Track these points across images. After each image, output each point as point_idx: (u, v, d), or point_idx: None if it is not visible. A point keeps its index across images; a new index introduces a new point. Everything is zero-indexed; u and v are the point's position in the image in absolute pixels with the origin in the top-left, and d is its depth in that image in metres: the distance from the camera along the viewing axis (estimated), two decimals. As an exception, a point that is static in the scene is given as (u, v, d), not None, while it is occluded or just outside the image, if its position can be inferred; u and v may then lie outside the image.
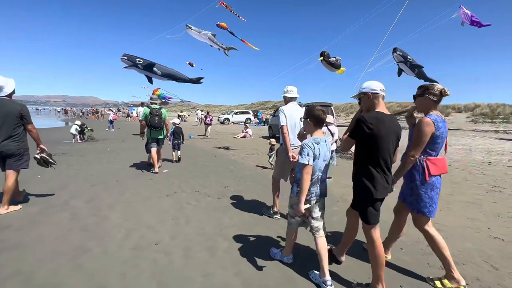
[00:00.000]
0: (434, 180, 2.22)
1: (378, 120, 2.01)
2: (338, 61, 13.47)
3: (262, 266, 2.49)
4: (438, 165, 2.20)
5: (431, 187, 2.22)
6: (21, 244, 2.73)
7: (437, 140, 2.17)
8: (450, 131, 17.41)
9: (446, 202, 4.33)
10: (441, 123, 2.17)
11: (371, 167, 2.06)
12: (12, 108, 3.48)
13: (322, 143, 2.24)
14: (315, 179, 2.26)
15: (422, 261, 2.61)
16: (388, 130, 2.02)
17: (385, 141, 2.01)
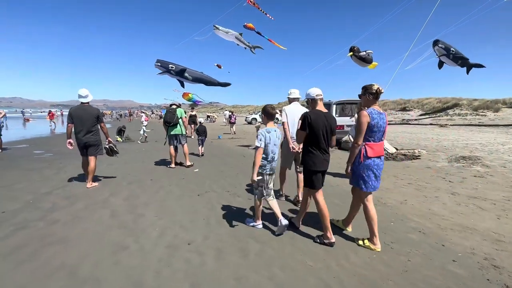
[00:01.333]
0: (370, 162, 2.70)
1: (316, 115, 2.84)
2: (369, 55, 12.75)
3: (296, 270, 2.38)
4: (375, 149, 2.70)
5: (366, 167, 2.71)
6: (67, 239, 2.92)
7: (374, 129, 2.66)
8: (499, 128, 15.61)
9: (503, 208, 3.82)
10: (376, 115, 2.66)
11: (312, 148, 2.87)
12: (92, 111, 4.87)
13: (272, 132, 3.01)
14: (270, 158, 3.02)
15: (479, 277, 2.29)
16: (323, 123, 2.82)
17: (320, 130, 2.81)
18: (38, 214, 3.58)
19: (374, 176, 2.73)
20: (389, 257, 2.60)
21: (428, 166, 6.62)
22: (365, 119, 2.62)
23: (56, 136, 15.45)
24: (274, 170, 3.13)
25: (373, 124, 2.64)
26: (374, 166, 2.71)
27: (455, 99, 28.79)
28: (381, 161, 2.76)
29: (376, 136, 2.69)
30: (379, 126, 2.66)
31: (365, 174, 2.73)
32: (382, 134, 2.73)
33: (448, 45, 14.63)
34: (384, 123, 2.71)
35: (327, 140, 2.90)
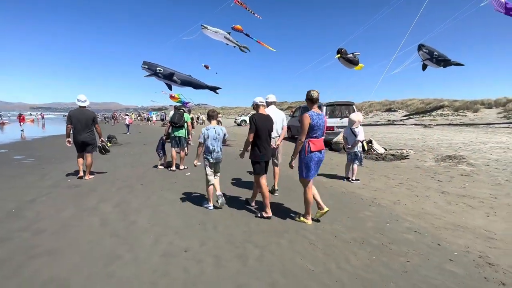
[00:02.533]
0: (312, 155, 3.25)
1: (259, 117, 3.59)
2: (356, 57, 13.01)
3: (297, 276, 2.34)
4: (316, 145, 3.25)
5: (310, 159, 3.25)
6: (55, 250, 2.76)
7: (314, 128, 3.20)
8: (480, 127, 16.31)
9: (491, 206, 3.95)
10: (316, 116, 3.21)
11: (258, 142, 3.59)
12: (89, 114, 5.63)
13: (211, 129, 3.85)
14: (211, 149, 3.84)
15: (477, 275, 2.34)
16: (264, 123, 3.58)
17: (263, 129, 3.56)
18: (22, 224, 3.38)
19: (314, 166, 3.31)
20: (388, 258, 2.62)
21: (417, 165, 6.79)
22: (307, 120, 3.17)
23: (37, 140, 14.78)
24: (219, 160, 3.93)
25: (313, 124, 3.18)
26: (316, 158, 3.29)
27: (437, 100, 29.87)
28: (321, 154, 3.33)
29: (317, 133, 3.25)
30: (319, 125, 3.23)
31: (309, 165, 3.27)
32: (321, 132, 3.30)
33: (432, 49, 15.20)
34: (323, 123, 3.29)
35: (269, 137, 3.68)
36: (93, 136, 5.70)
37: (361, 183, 5.39)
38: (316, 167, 3.33)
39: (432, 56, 14.73)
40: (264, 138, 3.59)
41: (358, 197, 4.50)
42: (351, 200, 4.38)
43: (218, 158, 3.91)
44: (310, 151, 3.23)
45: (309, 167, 3.29)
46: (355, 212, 3.85)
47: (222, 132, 3.95)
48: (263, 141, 3.59)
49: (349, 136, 5.61)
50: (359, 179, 5.54)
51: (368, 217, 3.65)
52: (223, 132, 3.99)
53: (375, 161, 7.55)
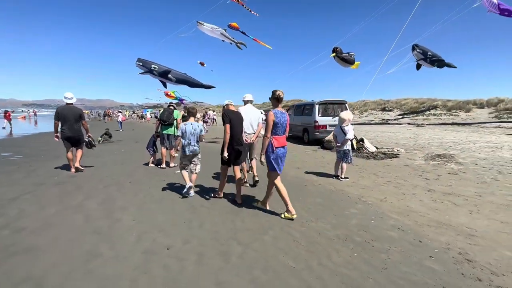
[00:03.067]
0: (277, 151, 3.47)
1: (231, 113, 4.08)
2: (351, 56, 13.04)
3: (278, 272, 2.34)
4: (279, 141, 3.47)
5: (275, 155, 3.46)
6: (34, 247, 2.72)
7: (278, 125, 3.43)
8: (472, 127, 16.54)
9: (474, 204, 4.01)
10: (279, 114, 3.42)
11: (233, 137, 3.99)
12: (76, 111, 5.92)
13: (189, 125, 4.27)
14: (187, 143, 4.25)
15: (454, 271, 2.37)
16: (235, 119, 4.05)
17: (235, 124, 4.03)
18: (2, 222, 3.31)
19: (281, 162, 3.54)
20: (370, 255, 2.63)
21: (406, 164, 6.85)
22: (271, 118, 3.38)
23: (27, 137, 14.54)
24: (195, 152, 4.36)
25: (277, 122, 3.41)
26: (280, 153, 3.50)
27: (430, 100, 30.19)
28: (285, 149, 3.57)
29: (279, 130, 3.48)
30: (282, 123, 3.46)
31: (275, 160, 3.48)
32: (284, 129, 3.53)
33: (426, 49, 15.33)
34: (286, 121, 3.52)
35: (240, 130, 4.17)
36: (80, 132, 6.04)
37: (350, 181, 5.42)
38: (281, 161, 3.56)
39: (426, 56, 14.87)
40: (236, 130, 4.04)
41: (345, 195, 4.53)
42: (338, 197, 4.40)
43: (195, 151, 4.34)
44: (274, 147, 3.45)
45: (275, 161, 3.49)
46: (342, 209, 3.87)
47: (198, 128, 4.35)
48: (234, 134, 4.01)
49: (338, 134, 5.63)
50: (348, 177, 5.57)
51: (354, 214, 3.67)
52: (200, 128, 4.37)
53: (365, 160, 7.60)
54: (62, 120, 5.71)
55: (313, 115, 10.51)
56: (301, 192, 4.67)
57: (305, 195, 4.49)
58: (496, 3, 9.52)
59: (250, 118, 4.91)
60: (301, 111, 11.90)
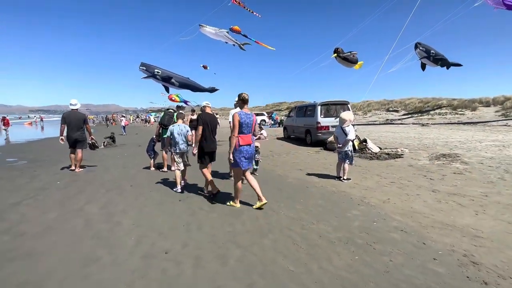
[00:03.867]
0: (241, 148, 3.74)
1: (206, 116, 4.38)
2: (354, 56, 12.92)
3: (277, 276, 2.30)
4: (244, 139, 3.75)
5: (239, 152, 3.75)
6: (33, 252, 2.72)
7: (243, 125, 3.73)
8: (478, 126, 16.27)
9: (480, 204, 3.90)
10: (244, 115, 3.73)
11: (203, 137, 4.30)
12: (80, 116, 6.59)
13: (176, 126, 4.81)
14: (175, 142, 4.78)
15: (459, 274, 2.29)
16: (208, 121, 4.32)
17: (207, 126, 4.30)
18: (3, 226, 3.33)
19: (244, 158, 3.79)
20: (372, 258, 2.57)
21: (410, 164, 6.75)
22: (236, 119, 3.69)
23: (32, 143, 14.74)
24: (183, 151, 4.84)
25: (241, 122, 3.71)
26: (244, 151, 3.77)
27: (435, 99, 29.84)
28: (250, 147, 3.83)
29: (245, 130, 3.76)
30: (247, 123, 3.76)
31: (240, 157, 3.75)
32: (249, 129, 3.82)
33: (429, 47, 15.15)
34: (251, 122, 3.81)
35: (213, 132, 4.42)
36: (84, 134, 6.58)
37: (353, 182, 5.34)
38: (246, 159, 3.82)
39: (429, 55, 14.67)
40: (208, 132, 4.35)
41: (347, 196, 4.46)
42: (340, 199, 4.34)
43: (183, 149, 4.84)
44: (239, 145, 3.73)
45: (238, 158, 3.77)
46: (343, 211, 3.80)
47: (184, 129, 4.88)
48: (208, 135, 4.34)
49: (339, 135, 5.56)
50: (350, 178, 5.50)
51: (356, 216, 3.61)
52: (186, 129, 4.90)
53: (369, 160, 7.50)
54: (68, 124, 6.32)
55: (315, 116, 10.44)
56: (302, 194, 4.61)
57: (306, 197, 4.44)
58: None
59: None
60: (303, 113, 11.84)
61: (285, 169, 6.80)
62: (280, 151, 9.82)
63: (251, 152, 3.88)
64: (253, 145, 3.92)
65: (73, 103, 6.55)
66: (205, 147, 4.32)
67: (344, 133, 5.42)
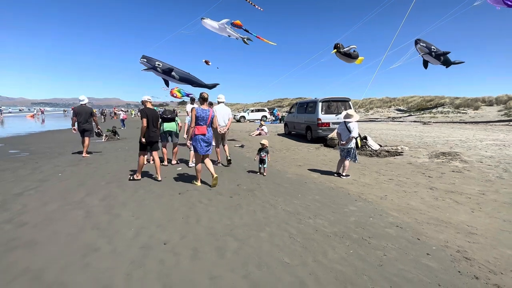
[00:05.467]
0: (197, 137, 4.61)
1: (148, 110, 5.03)
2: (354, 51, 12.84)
3: (272, 268, 2.34)
4: (199, 129, 4.59)
5: (196, 140, 4.63)
6: (34, 242, 2.78)
7: (199, 119, 4.58)
8: (480, 125, 16.21)
9: (477, 202, 3.93)
10: (200, 111, 4.58)
11: (148, 128, 5.02)
12: (88, 109, 7.72)
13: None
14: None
15: (451, 269, 2.33)
16: (151, 115, 5.03)
17: (150, 119, 5.01)
18: (6, 216, 3.40)
19: (200, 145, 4.64)
20: (366, 252, 2.61)
21: (410, 162, 6.76)
22: (193, 113, 4.58)
23: (34, 135, 14.83)
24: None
25: (198, 116, 4.57)
26: (199, 139, 4.62)
27: (438, 97, 29.68)
28: (204, 136, 4.63)
29: (201, 122, 4.60)
30: (202, 117, 4.60)
31: (197, 144, 4.63)
32: (205, 122, 4.63)
33: (429, 44, 15.01)
34: (206, 116, 4.63)
35: (154, 124, 5.13)
36: (91, 125, 7.75)
37: (351, 178, 5.38)
38: (202, 145, 4.65)
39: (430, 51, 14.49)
40: (151, 125, 5.06)
41: (345, 192, 4.49)
42: (338, 195, 4.38)
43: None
44: (195, 134, 4.60)
45: (195, 144, 4.65)
46: (341, 206, 3.84)
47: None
48: (150, 127, 5.05)
49: (343, 131, 5.56)
50: (349, 174, 5.53)
51: (353, 211, 3.65)
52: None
53: (368, 157, 7.52)
54: (78, 116, 7.44)
55: (316, 112, 10.45)
56: (300, 189, 4.65)
57: (304, 193, 4.48)
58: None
59: (223, 115, 6.43)
60: (304, 109, 11.84)
61: (285, 164, 6.84)
62: (281, 147, 9.84)
63: (207, 140, 4.68)
64: (208, 134, 4.69)
65: (82, 99, 7.88)
66: (147, 137, 5.03)
67: (348, 130, 5.41)
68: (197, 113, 4.55)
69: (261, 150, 5.69)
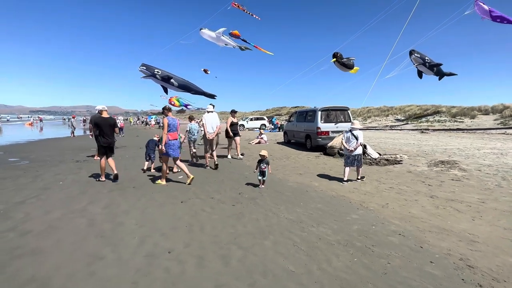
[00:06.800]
0: (169, 142, 5.36)
1: (99, 118, 5.59)
2: (351, 61, 13.15)
3: (277, 276, 2.36)
4: (172, 135, 5.39)
5: (168, 145, 5.35)
6: (39, 250, 2.78)
7: (170, 126, 5.39)
8: (477, 134, 16.40)
9: (477, 210, 3.98)
10: (171, 119, 5.42)
11: (102, 134, 5.56)
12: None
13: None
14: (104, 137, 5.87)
15: (455, 277, 2.35)
16: (103, 122, 5.57)
17: (104, 126, 5.56)
18: (9, 225, 3.39)
19: (172, 148, 5.39)
20: (370, 260, 2.63)
21: (409, 170, 6.82)
22: (166, 122, 5.32)
23: (33, 143, 14.80)
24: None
25: (169, 123, 5.35)
26: (171, 144, 5.38)
27: (435, 106, 30.04)
28: (176, 141, 5.47)
29: (172, 129, 5.42)
30: (173, 125, 5.45)
31: (168, 148, 5.36)
32: (175, 128, 5.47)
33: (423, 55, 15.35)
34: (176, 124, 5.51)
35: (108, 131, 5.62)
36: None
37: (352, 187, 5.42)
38: (173, 149, 5.42)
39: (424, 61, 14.83)
40: (105, 131, 5.57)
41: (347, 201, 4.53)
42: (339, 203, 4.41)
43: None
44: (168, 139, 5.34)
45: (167, 148, 5.36)
46: (343, 215, 3.87)
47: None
48: (105, 133, 5.58)
49: (349, 139, 5.77)
50: (364, 176, 5.95)
51: (355, 220, 3.67)
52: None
53: (368, 166, 7.57)
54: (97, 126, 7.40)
55: (315, 121, 10.55)
56: (302, 198, 4.68)
57: (306, 201, 4.50)
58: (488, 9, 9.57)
59: (212, 122, 7.26)
60: (303, 118, 11.95)
61: (285, 173, 6.88)
62: (281, 156, 9.89)
63: (177, 145, 5.51)
64: (178, 140, 5.57)
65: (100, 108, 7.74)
66: (102, 142, 5.59)
67: (355, 137, 5.63)
68: (169, 121, 5.33)
69: (261, 162, 5.34)
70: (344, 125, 10.38)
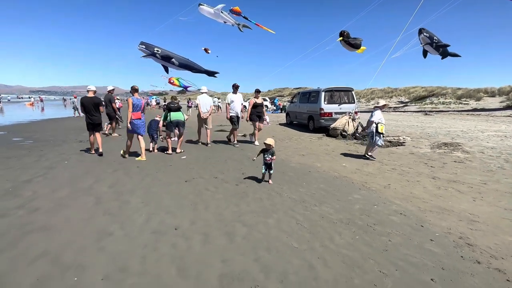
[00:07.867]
0: (133, 121, 5.79)
1: (84, 98, 6.24)
2: (358, 41, 12.73)
3: (281, 252, 2.43)
4: (135, 115, 5.79)
5: (133, 124, 5.81)
6: (48, 226, 2.86)
7: (134, 106, 5.75)
8: (481, 116, 16.19)
9: (479, 191, 4.01)
10: (135, 100, 5.78)
11: (87, 114, 6.17)
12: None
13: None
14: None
15: (454, 254, 2.42)
16: (88, 101, 6.18)
17: (88, 105, 6.15)
18: (18, 202, 3.47)
19: (136, 127, 5.84)
20: (371, 237, 2.70)
21: (412, 152, 6.82)
22: (130, 102, 5.69)
23: (36, 123, 14.81)
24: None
25: (134, 103, 5.71)
26: (135, 123, 5.81)
27: (440, 88, 29.48)
28: (140, 120, 5.90)
29: (135, 109, 5.77)
30: (137, 105, 5.77)
31: (132, 127, 5.80)
32: (139, 108, 5.83)
33: (432, 34, 14.84)
34: (140, 104, 5.86)
35: (94, 110, 6.15)
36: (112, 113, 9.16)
37: (355, 167, 5.44)
38: (138, 127, 5.87)
39: (432, 41, 14.40)
40: (90, 110, 6.10)
41: (349, 181, 4.57)
42: (342, 183, 4.45)
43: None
44: (132, 118, 5.74)
45: (131, 126, 5.80)
46: (345, 195, 3.92)
47: None
48: (88, 111, 6.10)
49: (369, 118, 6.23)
50: (375, 158, 6.12)
51: (357, 200, 3.72)
52: None
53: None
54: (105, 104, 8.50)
55: (318, 102, 10.41)
56: (305, 178, 4.72)
57: (309, 181, 4.55)
58: None
59: (205, 104, 7.52)
60: (306, 99, 11.79)
61: (288, 154, 6.90)
62: (283, 137, 9.87)
63: (140, 124, 5.90)
64: (142, 119, 5.93)
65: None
66: (86, 119, 6.12)
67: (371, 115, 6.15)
68: (133, 102, 5.67)
69: (265, 152, 4.34)
70: (348, 106, 10.25)
